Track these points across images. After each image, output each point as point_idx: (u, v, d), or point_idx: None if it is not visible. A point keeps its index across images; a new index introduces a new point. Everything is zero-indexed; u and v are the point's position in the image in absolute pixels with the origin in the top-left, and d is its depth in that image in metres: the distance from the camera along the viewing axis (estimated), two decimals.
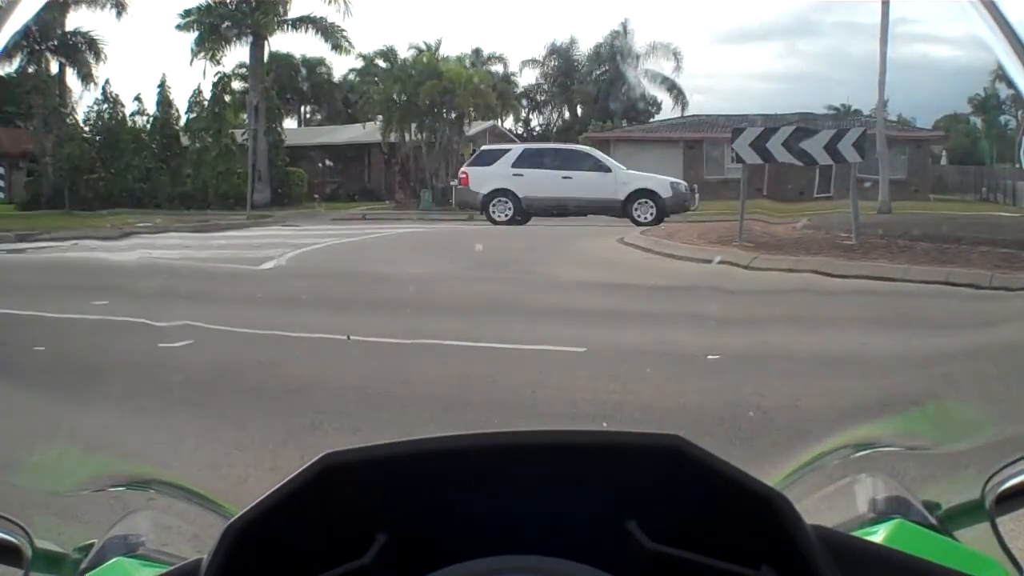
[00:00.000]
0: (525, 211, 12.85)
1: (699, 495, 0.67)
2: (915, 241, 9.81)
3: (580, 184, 12.74)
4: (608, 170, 12.75)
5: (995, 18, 0.88)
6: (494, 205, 12.86)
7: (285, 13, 15.54)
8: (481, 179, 13.02)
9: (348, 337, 6.05)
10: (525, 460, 0.68)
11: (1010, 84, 0.85)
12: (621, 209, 12.51)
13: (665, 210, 12.69)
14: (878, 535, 0.86)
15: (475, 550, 0.68)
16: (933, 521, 0.89)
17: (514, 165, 12.99)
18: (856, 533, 0.80)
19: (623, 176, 12.66)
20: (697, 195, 13.20)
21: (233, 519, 0.65)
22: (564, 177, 12.83)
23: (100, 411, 4.37)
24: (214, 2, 15.11)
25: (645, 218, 12.49)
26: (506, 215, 12.80)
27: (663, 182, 12.89)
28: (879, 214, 12.97)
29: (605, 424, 4.09)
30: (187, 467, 3.53)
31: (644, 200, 12.64)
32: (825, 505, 1.02)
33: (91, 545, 0.90)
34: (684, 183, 13.22)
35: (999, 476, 0.87)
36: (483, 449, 0.69)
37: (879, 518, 0.91)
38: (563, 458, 0.68)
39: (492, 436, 0.68)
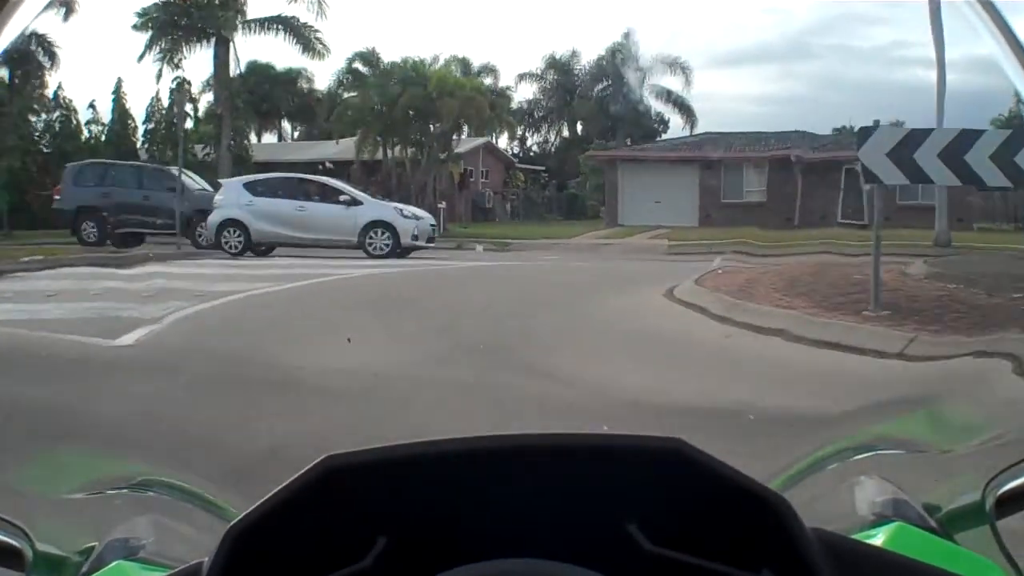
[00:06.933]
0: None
1: (699, 498, 0.67)
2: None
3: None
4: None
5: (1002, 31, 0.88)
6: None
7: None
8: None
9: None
10: (525, 463, 0.68)
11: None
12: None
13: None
14: (878, 538, 0.86)
15: (475, 553, 0.68)
16: (933, 524, 0.89)
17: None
18: (856, 536, 0.80)
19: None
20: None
21: (234, 522, 0.65)
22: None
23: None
24: None
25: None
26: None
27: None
28: (936, 246, 10.22)
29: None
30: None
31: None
32: (825, 508, 1.02)
33: (92, 548, 0.90)
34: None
35: (1000, 479, 0.87)
36: (483, 452, 0.69)
37: (879, 521, 0.90)
38: (563, 461, 0.68)
39: (492, 439, 0.68)
